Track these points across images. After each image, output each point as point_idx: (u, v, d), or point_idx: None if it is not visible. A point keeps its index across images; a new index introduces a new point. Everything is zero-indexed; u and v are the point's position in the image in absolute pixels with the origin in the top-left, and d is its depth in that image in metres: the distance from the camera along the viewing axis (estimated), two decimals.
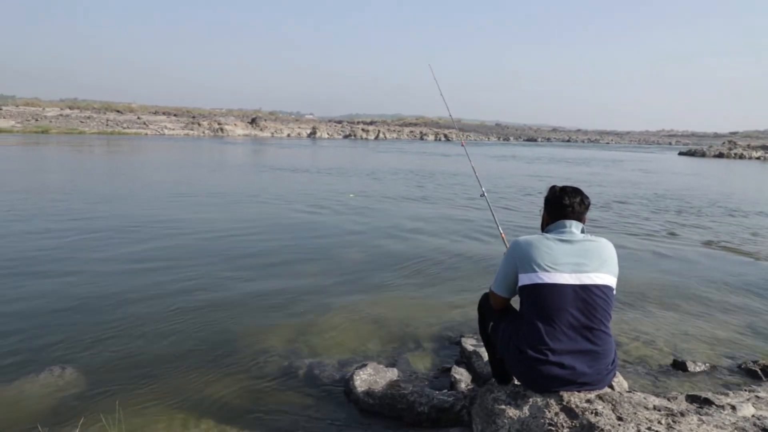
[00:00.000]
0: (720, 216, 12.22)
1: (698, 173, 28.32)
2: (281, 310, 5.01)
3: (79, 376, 3.56)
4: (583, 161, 37.40)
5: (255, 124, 74.31)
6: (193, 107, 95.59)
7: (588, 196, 2.68)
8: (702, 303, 5.63)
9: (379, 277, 6.24)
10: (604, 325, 2.40)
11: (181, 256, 6.86)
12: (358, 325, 4.72)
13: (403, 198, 13.80)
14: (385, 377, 3.51)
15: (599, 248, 2.49)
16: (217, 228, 8.83)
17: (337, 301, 5.30)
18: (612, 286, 2.46)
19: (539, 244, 2.50)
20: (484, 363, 3.71)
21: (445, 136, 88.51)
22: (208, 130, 65.36)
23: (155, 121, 66.86)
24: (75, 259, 6.56)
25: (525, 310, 2.50)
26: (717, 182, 22.86)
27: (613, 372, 2.45)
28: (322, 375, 3.72)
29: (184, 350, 4.05)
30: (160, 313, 4.81)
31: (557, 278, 2.40)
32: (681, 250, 8.37)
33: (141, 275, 5.94)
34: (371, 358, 4.00)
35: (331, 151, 40.89)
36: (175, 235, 8.17)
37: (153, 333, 4.35)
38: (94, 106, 77.92)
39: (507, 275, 2.60)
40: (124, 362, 3.80)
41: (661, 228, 10.25)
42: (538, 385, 2.40)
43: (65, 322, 4.53)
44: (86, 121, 61.62)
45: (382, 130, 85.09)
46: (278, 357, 3.99)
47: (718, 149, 53.96)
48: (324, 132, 77.93)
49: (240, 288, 5.63)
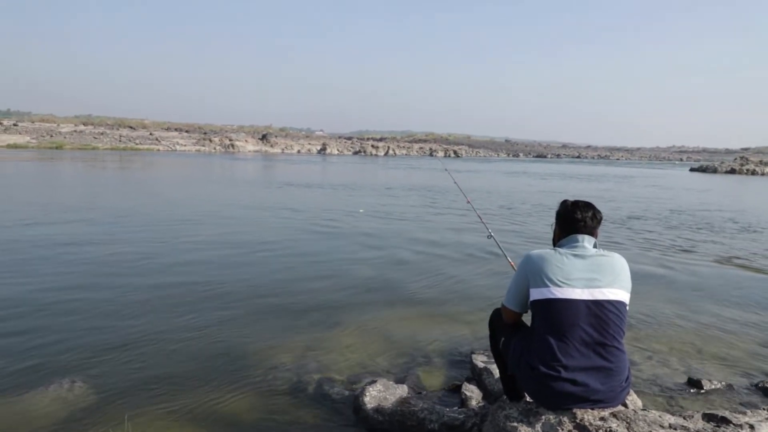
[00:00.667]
0: (734, 232, 12.09)
1: (710, 189, 28.08)
2: (291, 326, 4.99)
3: (89, 390, 3.56)
4: (595, 177, 37.25)
5: (265, 140, 74.88)
6: (204, 123, 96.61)
7: (600, 210, 2.66)
8: (716, 320, 5.55)
9: (389, 293, 6.21)
10: (618, 341, 2.36)
11: (192, 271, 6.87)
12: (368, 341, 4.69)
13: (414, 214, 13.79)
14: (394, 394, 3.47)
15: (612, 263, 2.46)
16: (228, 242, 8.87)
17: (347, 317, 5.27)
18: (625, 301, 2.43)
19: (551, 259, 2.48)
20: (495, 380, 3.66)
21: (454, 153, 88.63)
22: (219, 146, 65.92)
23: (167, 137, 67.59)
24: (87, 272, 6.59)
25: (537, 325, 2.47)
26: (730, 198, 22.67)
27: (627, 389, 2.41)
28: (331, 391, 3.69)
29: (193, 365, 4.04)
30: (171, 327, 4.80)
31: (569, 293, 2.38)
32: (694, 266, 8.28)
33: (152, 290, 5.95)
34: (381, 374, 3.96)
35: (341, 167, 41.05)
36: (189, 250, 8.21)
37: (163, 347, 4.35)
38: (108, 122, 79.00)
39: (519, 289, 2.58)
40: (134, 376, 3.80)
41: (675, 244, 10.15)
42: (550, 402, 2.36)
43: (75, 335, 4.54)
44: (100, 137, 62.42)
45: (391, 146, 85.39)
46: (288, 373, 3.96)
47: (730, 165, 53.54)
48: (334, 148, 78.32)
49: (249, 303, 5.62)
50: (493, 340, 2.88)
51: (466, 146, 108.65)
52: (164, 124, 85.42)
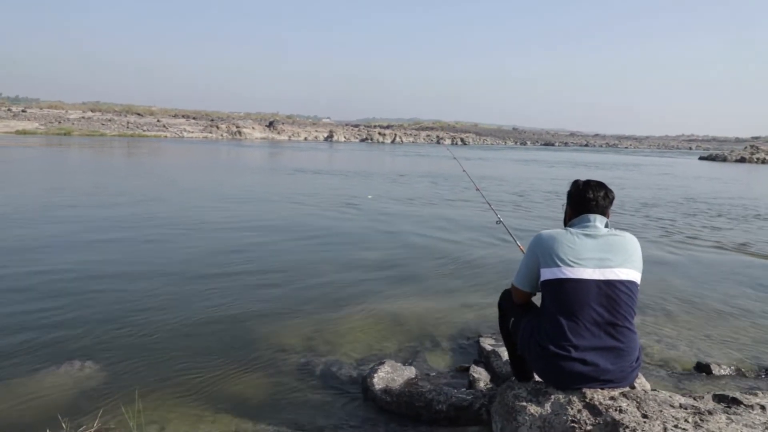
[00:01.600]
0: (745, 220, 12.00)
1: (720, 178, 27.84)
2: (299, 309, 5.00)
3: (99, 370, 3.58)
4: (604, 165, 37.03)
5: (272, 127, 74.76)
6: (212, 110, 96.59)
7: (612, 190, 2.63)
8: (725, 306, 5.52)
9: (396, 277, 6.21)
10: (629, 321, 2.35)
11: (201, 256, 6.89)
12: (376, 324, 4.69)
13: (422, 200, 13.76)
14: (402, 375, 3.48)
15: (624, 243, 2.44)
16: (238, 226, 8.89)
17: (355, 300, 5.28)
18: (637, 281, 2.40)
19: (562, 239, 2.46)
20: (503, 362, 3.66)
21: (462, 140, 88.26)
22: (227, 133, 65.90)
23: (174, 124, 67.62)
24: (100, 257, 6.63)
25: (547, 305, 2.45)
26: (741, 187, 22.48)
27: (637, 370, 2.40)
28: (339, 373, 3.71)
29: (202, 347, 4.06)
30: (181, 310, 4.83)
31: (580, 273, 2.36)
32: (704, 252, 8.23)
33: (163, 274, 5.98)
34: (389, 356, 3.97)
35: (349, 154, 40.98)
36: (198, 233, 8.24)
37: (173, 330, 4.37)
38: (116, 109, 79.11)
39: (529, 269, 2.56)
40: (144, 358, 3.82)
41: (685, 230, 10.08)
42: (560, 381, 2.35)
43: (86, 316, 4.57)
44: (107, 123, 62.51)
45: (398, 134, 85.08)
46: (296, 355, 3.98)
47: (739, 154, 53.03)
48: (341, 135, 78.14)
49: (258, 287, 5.64)
50: (503, 321, 2.87)
51: (473, 134, 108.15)
52: (172, 111, 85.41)
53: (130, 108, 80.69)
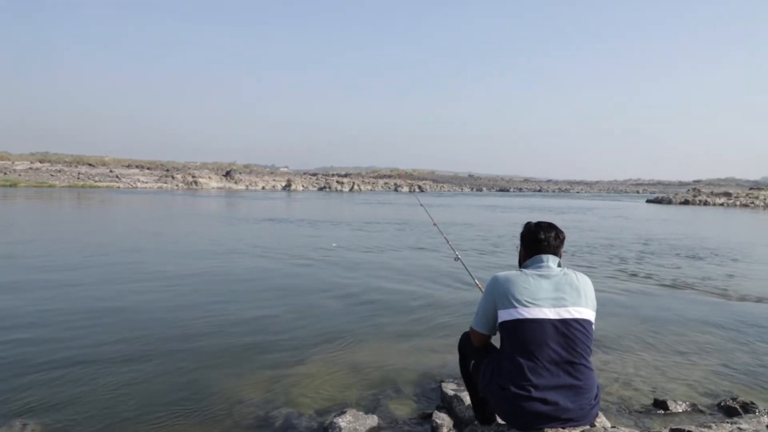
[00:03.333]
0: (692, 259, 12.45)
1: (668, 219, 29.02)
2: (256, 358, 4.87)
3: (43, 429, 3.38)
4: (561, 209, 38.14)
5: (229, 176, 74.33)
6: (167, 161, 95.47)
7: (562, 230, 2.72)
8: (679, 343, 5.66)
9: (356, 325, 6.14)
10: (585, 359, 2.39)
11: (154, 306, 6.68)
12: (336, 373, 4.60)
13: (382, 247, 13.79)
14: (364, 424, 3.41)
15: (577, 282, 2.50)
16: (195, 278, 8.68)
17: (314, 350, 5.18)
18: (591, 319, 2.46)
19: (517, 280, 2.51)
20: (465, 407, 3.64)
21: (419, 187, 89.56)
22: (182, 183, 65.09)
23: (128, 174, 66.46)
24: (44, 308, 6.33)
25: (506, 346, 2.47)
26: (688, 228, 23.42)
27: (596, 407, 2.42)
28: (299, 425, 3.60)
29: (156, 401, 3.89)
30: (130, 361, 4.64)
31: (537, 313, 2.40)
32: (656, 291, 8.47)
33: (109, 325, 5.75)
34: (350, 405, 3.88)
35: (308, 203, 40.94)
36: (153, 285, 7.99)
37: (122, 383, 4.18)
38: (66, 159, 77.26)
39: (487, 312, 2.59)
40: (92, 414, 3.63)
41: (637, 270, 10.38)
42: (522, 422, 2.35)
43: (25, 374, 4.33)
44: (57, 174, 60.93)
45: (356, 182, 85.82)
46: (254, 407, 3.85)
47: (683, 196, 55.64)
48: (299, 184, 78.21)
49: (214, 336, 5.49)
50: (463, 364, 2.87)
51: (430, 181, 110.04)
52: (125, 161, 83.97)
53: (81, 159, 78.95)
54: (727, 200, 52.13)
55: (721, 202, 51.51)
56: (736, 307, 7.51)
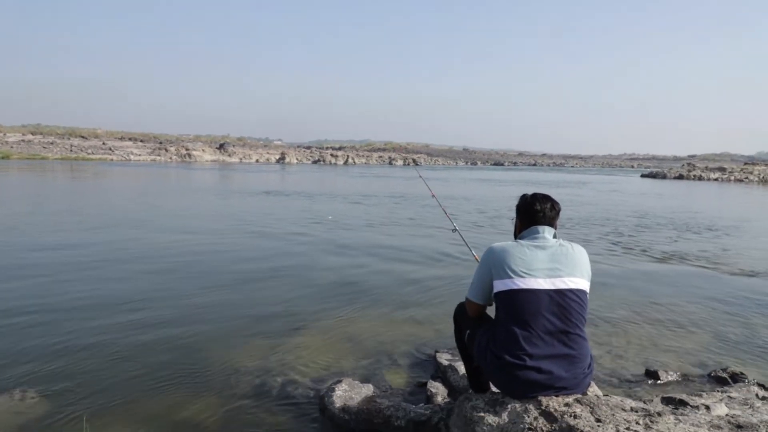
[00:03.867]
0: (686, 232, 12.54)
1: (662, 194, 29.14)
2: (253, 329, 4.90)
3: (42, 399, 3.41)
4: (556, 183, 38.20)
5: (223, 149, 73.83)
6: (160, 133, 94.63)
7: (558, 202, 2.72)
8: (671, 316, 5.72)
9: (352, 296, 6.17)
10: (580, 329, 2.41)
11: (152, 277, 6.69)
12: (332, 343, 4.64)
13: (379, 219, 13.80)
14: (360, 393, 3.45)
15: (572, 253, 2.51)
16: (192, 249, 8.69)
17: (311, 320, 5.22)
18: (586, 290, 2.48)
19: (513, 251, 2.51)
20: (459, 377, 3.68)
21: (413, 161, 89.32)
22: (176, 156, 64.64)
23: (121, 147, 65.89)
24: (40, 280, 6.34)
25: (501, 316, 2.49)
26: (682, 202, 23.53)
27: (589, 376, 2.45)
28: (295, 392, 3.65)
29: (152, 370, 3.92)
30: (127, 332, 4.66)
31: (532, 284, 2.41)
32: (649, 264, 8.55)
33: (107, 295, 5.77)
34: (345, 375, 3.93)
35: (303, 176, 40.80)
36: (150, 256, 7.99)
37: (120, 353, 4.21)
38: (58, 131, 76.48)
39: (482, 282, 2.60)
40: (91, 383, 3.65)
41: (631, 244, 10.45)
42: (516, 390, 2.39)
43: (25, 342, 4.35)
44: (49, 146, 60.37)
45: (351, 155, 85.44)
46: (250, 376, 3.89)
47: (678, 171, 55.79)
48: (293, 157, 77.83)
49: (211, 307, 5.52)
50: (459, 334, 2.90)
51: (425, 155, 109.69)
52: (118, 134, 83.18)
53: (74, 131, 78.11)
54: (722, 175, 52.32)
55: (715, 177, 51.70)
56: (728, 280, 7.59)
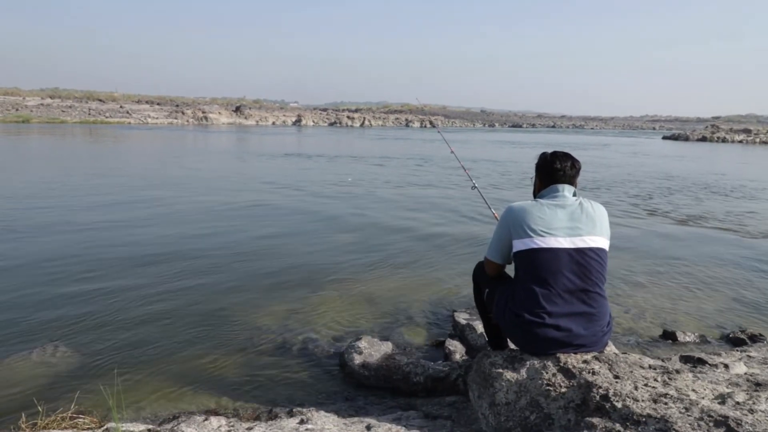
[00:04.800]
0: (707, 195, 12.36)
1: (685, 156, 28.61)
2: (273, 289, 4.99)
3: (74, 354, 3.53)
4: (576, 145, 37.63)
5: (239, 112, 73.64)
6: (177, 96, 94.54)
7: (578, 160, 2.69)
8: (690, 278, 5.70)
9: (371, 257, 6.23)
10: (599, 287, 2.42)
11: (175, 239, 6.81)
12: (351, 302, 4.72)
13: (398, 181, 13.78)
14: (379, 350, 3.52)
15: (592, 211, 2.50)
16: (212, 209, 8.80)
17: (330, 280, 5.29)
18: (606, 248, 2.47)
19: (532, 210, 2.50)
20: (477, 335, 3.73)
21: (430, 123, 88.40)
22: (192, 119, 64.69)
23: (138, 110, 66.02)
24: (71, 238, 6.48)
25: (520, 275, 2.50)
26: (705, 165, 23.09)
27: (608, 335, 2.47)
28: (316, 349, 3.73)
29: (178, 327, 4.04)
30: (154, 291, 4.79)
31: (552, 242, 2.41)
32: (670, 226, 8.47)
33: (134, 255, 5.89)
34: (365, 333, 4.00)
35: (319, 138, 40.68)
36: (175, 219, 8.11)
37: (147, 311, 4.33)
38: (76, 95, 76.74)
39: (501, 241, 2.60)
40: (119, 340, 3.78)
41: (652, 207, 10.34)
42: (535, 347, 2.41)
43: (55, 299, 4.50)
44: (68, 110, 60.69)
45: (367, 117, 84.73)
46: (272, 333, 3.98)
47: (701, 133, 54.51)
48: (309, 120, 77.44)
49: (233, 267, 5.62)
50: (478, 293, 2.92)
51: (442, 117, 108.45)
52: (135, 97, 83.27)
53: (91, 94, 78.28)
54: (747, 137, 51.03)
55: (740, 139, 50.46)
56: (749, 243, 7.51)
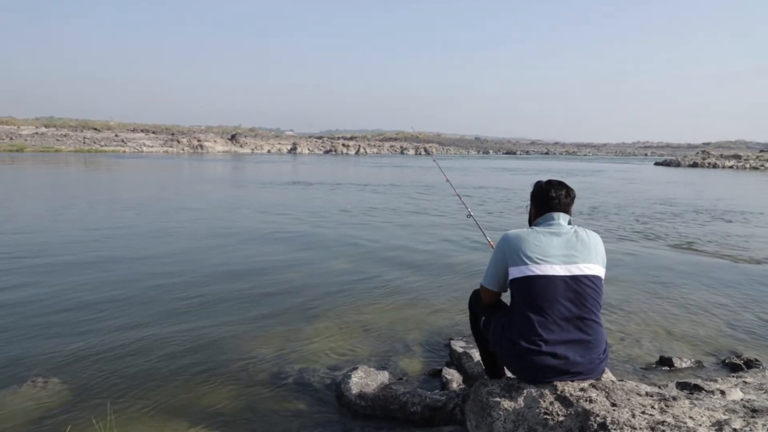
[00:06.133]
0: (699, 221, 12.44)
1: (677, 182, 28.87)
2: (269, 318, 4.97)
3: (64, 388, 3.48)
4: (570, 172, 37.97)
5: (235, 140, 74.06)
6: (172, 124, 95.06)
7: (573, 188, 2.73)
8: (685, 303, 5.72)
9: (367, 284, 6.22)
10: (595, 314, 2.43)
11: (169, 264, 6.78)
12: (347, 331, 4.70)
13: (390, 209, 13.83)
14: (376, 380, 3.50)
15: (587, 239, 2.53)
16: (209, 236, 8.77)
17: (326, 308, 5.28)
18: (601, 276, 2.49)
19: (528, 237, 2.53)
20: (474, 363, 3.72)
21: (425, 150, 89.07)
22: (188, 147, 64.97)
23: (133, 138, 66.28)
24: (63, 268, 6.45)
25: (516, 302, 2.51)
26: (697, 190, 23.29)
27: (604, 362, 2.48)
28: (312, 380, 3.70)
29: (172, 358, 4.00)
30: (146, 322, 4.75)
31: (548, 270, 2.43)
32: (662, 252, 8.51)
33: (127, 284, 5.86)
34: (361, 362, 3.98)
35: (314, 166, 40.87)
36: (168, 243, 8.09)
37: (139, 341, 4.29)
38: (71, 124, 77.05)
39: (497, 269, 2.62)
40: (111, 373, 3.73)
41: (645, 232, 10.40)
42: (532, 376, 2.41)
43: (46, 331, 4.45)
44: (62, 139, 60.87)
45: (362, 145, 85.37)
46: (268, 364, 3.95)
47: (692, 159, 55.17)
48: (305, 147, 77.93)
49: (227, 297, 5.59)
50: (474, 321, 2.93)
51: (436, 144, 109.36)
52: (130, 126, 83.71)
53: (87, 123, 78.64)
54: (737, 163, 51.62)
55: (730, 164, 51.03)
56: (743, 268, 7.54)
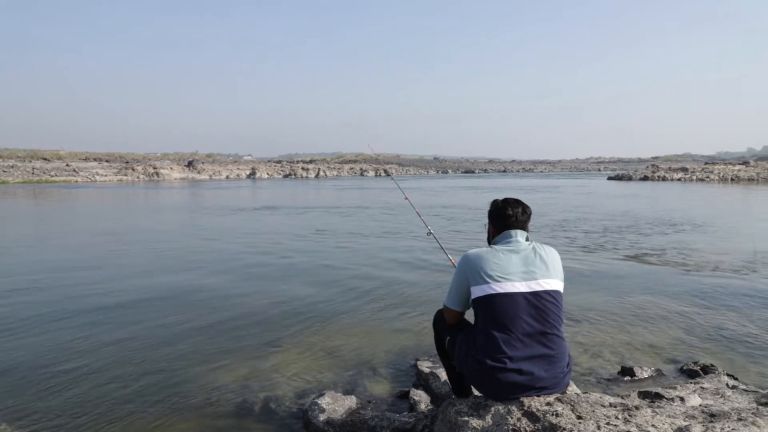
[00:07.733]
0: (650, 232, 12.85)
1: (628, 195, 29.82)
2: (231, 346, 4.86)
3: (14, 424, 3.32)
4: (528, 189, 38.72)
5: (192, 166, 72.93)
6: (126, 152, 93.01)
7: (528, 206, 2.79)
8: (643, 313, 5.87)
9: (330, 308, 6.18)
10: (557, 329, 2.47)
11: (126, 296, 6.57)
12: (312, 356, 4.64)
13: (352, 230, 13.81)
14: (343, 405, 3.46)
15: (545, 255, 2.58)
16: (164, 268, 8.56)
17: (289, 334, 5.20)
18: (560, 290, 2.54)
19: (488, 256, 2.57)
20: (441, 383, 3.72)
21: (384, 172, 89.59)
22: (143, 175, 63.61)
23: (86, 167, 64.49)
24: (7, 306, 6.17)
25: (480, 321, 2.54)
26: (648, 202, 24.10)
27: (568, 375, 2.52)
28: (278, 408, 3.63)
29: (132, 392, 3.86)
30: (104, 351, 4.59)
31: (509, 287, 2.47)
32: (619, 264, 8.74)
33: (83, 313, 5.65)
34: (328, 387, 3.93)
35: (274, 191, 40.54)
36: (127, 275, 7.84)
37: (97, 376, 4.13)
38: (18, 154, 74.47)
39: (459, 289, 2.65)
40: (69, 411, 3.57)
41: (600, 244, 10.67)
42: (498, 393, 2.43)
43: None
44: (9, 170, 58.68)
45: (322, 168, 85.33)
46: (231, 394, 3.86)
47: (643, 173, 57.22)
48: (264, 172, 77.32)
49: (186, 326, 5.45)
50: (439, 340, 2.93)
51: (396, 165, 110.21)
52: (82, 155, 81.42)
53: (35, 153, 76.13)
54: (684, 175, 53.81)
55: (678, 177, 53.15)
56: (695, 277, 7.81)
